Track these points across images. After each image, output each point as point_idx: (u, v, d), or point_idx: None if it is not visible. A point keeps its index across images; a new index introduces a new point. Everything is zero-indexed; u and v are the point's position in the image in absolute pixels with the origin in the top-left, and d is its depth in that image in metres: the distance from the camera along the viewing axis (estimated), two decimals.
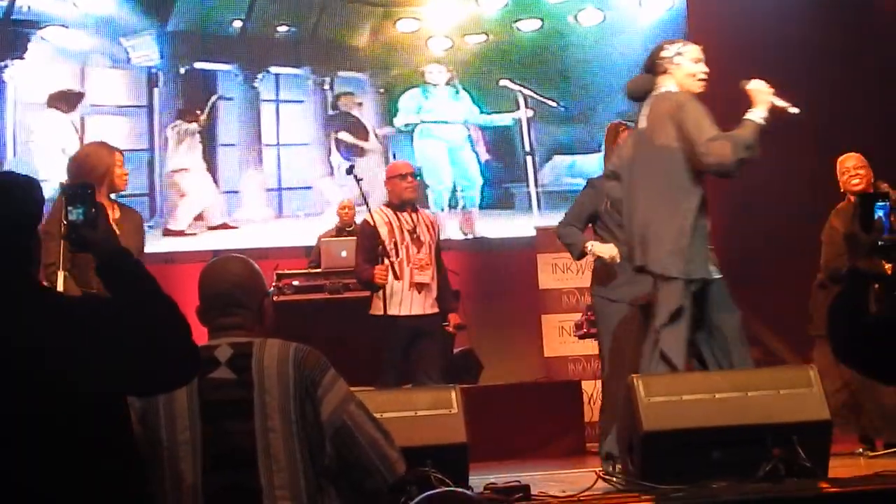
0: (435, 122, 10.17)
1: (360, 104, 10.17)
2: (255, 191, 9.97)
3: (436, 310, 6.92)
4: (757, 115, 5.34)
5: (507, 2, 10.28)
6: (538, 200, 10.17)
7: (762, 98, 5.38)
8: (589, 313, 7.85)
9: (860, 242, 3.13)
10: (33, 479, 2.41)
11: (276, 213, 9.98)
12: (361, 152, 10.11)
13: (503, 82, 10.17)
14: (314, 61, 10.14)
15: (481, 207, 10.08)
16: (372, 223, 6.87)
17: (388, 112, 10.16)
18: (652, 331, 5.42)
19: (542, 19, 10.34)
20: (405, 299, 6.81)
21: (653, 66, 5.44)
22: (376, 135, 10.17)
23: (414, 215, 6.95)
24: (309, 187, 10.06)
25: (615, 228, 6.17)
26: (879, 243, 3.16)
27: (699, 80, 5.42)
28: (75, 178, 5.73)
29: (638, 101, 5.52)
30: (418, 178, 7.05)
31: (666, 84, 5.39)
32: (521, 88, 10.17)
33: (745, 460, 5.18)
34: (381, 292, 6.76)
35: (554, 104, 10.22)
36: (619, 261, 6.14)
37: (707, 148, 5.19)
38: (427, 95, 10.16)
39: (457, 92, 10.20)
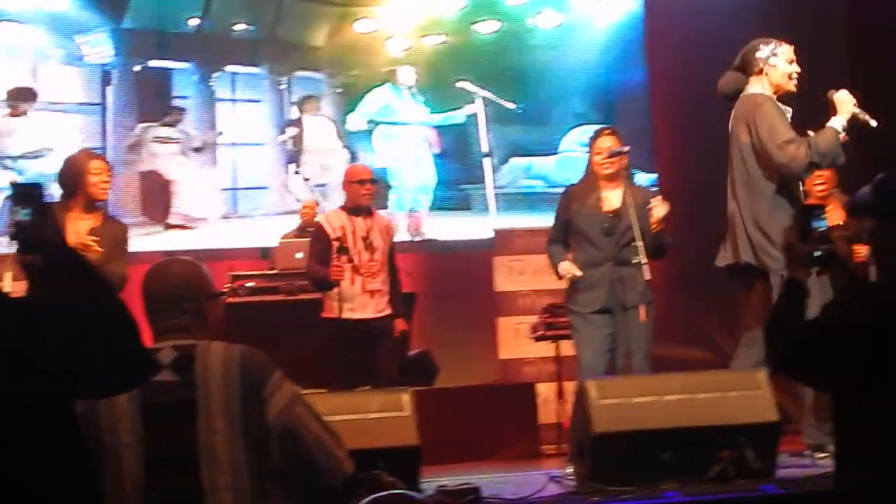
0: (401, 122, 10.15)
1: (316, 106, 10.13)
2: (209, 191, 9.91)
3: (388, 311, 6.94)
4: (837, 123, 5.43)
5: (465, 3, 10.27)
6: (496, 202, 10.17)
7: (845, 108, 5.46)
8: (545, 315, 7.87)
9: (798, 253, 3.15)
10: None
11: (232, 213, 9.93)
12: (312, 154, 10.07)
13: (461, 83, 10.16)
14: (271, 60, 10.10)
15: (439, 209, 10.07)
16: (325, 227, 6.86)
17: (346, 112, 10.13)
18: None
19: (500, 21, 10.35)
20: (358, 302, 6.81)
21: (746, 66, 5.55)
22: (339, 136, 10.12)
23: (368, 220, 6.95)
24: (265, 187, 10.01)
25: (592, 234, 6.21)
26: (816, 254, 3.19)
27: (793, 79, 5.52)
28: (60, 185, 5.76)
29: (727, 99, 5.62)
30: (376, 183, 7.05)
31: (756, 85, 5.50)
32: (479, 90, 10.17)
33: (694, 462, 5.23)
34: (335, 295, 6.74)
35: (512, 106, 10.23)
36: (578, 274, 6.21)
37: (781, 149, 5.32)
38: (398, 96, 10.14)
39: (418, 93, 10.20)
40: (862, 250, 6.27)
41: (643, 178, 10.22)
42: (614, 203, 6.28)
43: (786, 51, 5.54)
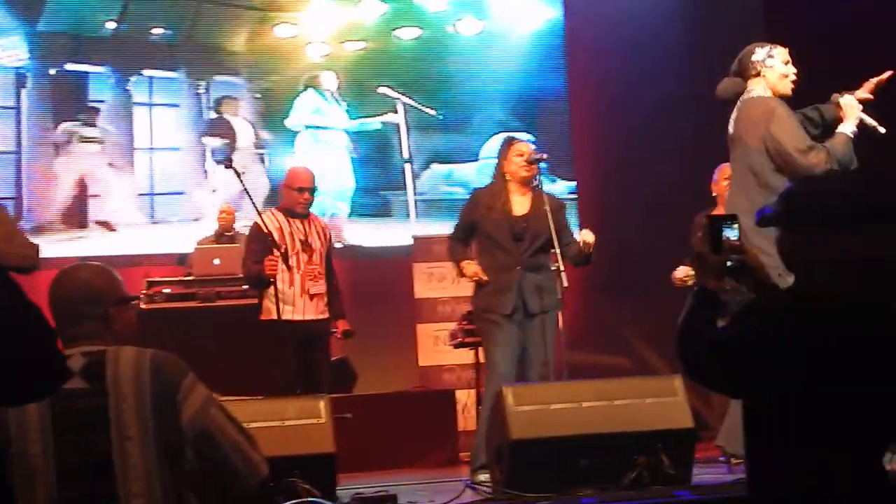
0: (328, 127, 10.09)
1: (236, 110, 10.04)
2: (126, 196, 9.78)
3: (326, 315, 6.85)
4: (847, 128, 5.45)
5: (386, 10, 10.26)
6: (416, 208, 10.16)
7: (852, 113, 5.49)
8: (464, 322, 7.87)
9: (709, 263, 3.18)
10: None
11: (149, 218, 9.81)
12: (237, 155, 9.98)
13: (382, 89, 10.15)
14: (189, 65, 9.99)
15: (359, 215, 10.04)
16: (264, 228, 6.72)
17: (265, 117, 10.06)
18: None
19: (421, 28, 10.35)
20: (297, 304, 6.71)
21: (743, 70, 5.57)
22: (257, 139, 10.04)
23: (306, 222, 6.86)
24: (182, 192, 9.90)
25: (501, 239, 6.22)
26: (728, 264, 3.21)
27: (790, 81, 5.55)
28: None
29: (726, 104, 5.63)
30: (315, 193, 6.92)
31: (756, 87, 5.51)
32: (400, 96, 10.16)
33: (611, 468, 5.25)
34: (273, 297, 6.60)
35: (433, 112, 10.23)
36: (484, 278, 6.22)
37: (804, 155, 5.33)
38: (324, 101, 10.09)
39: (340, 99, 10.15)
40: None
41: (562, 185, 10.31)
42: (524, 209, 6.31)
43: (781, 53, 5.60)
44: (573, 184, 10.36)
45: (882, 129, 5.49)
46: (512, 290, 6.19)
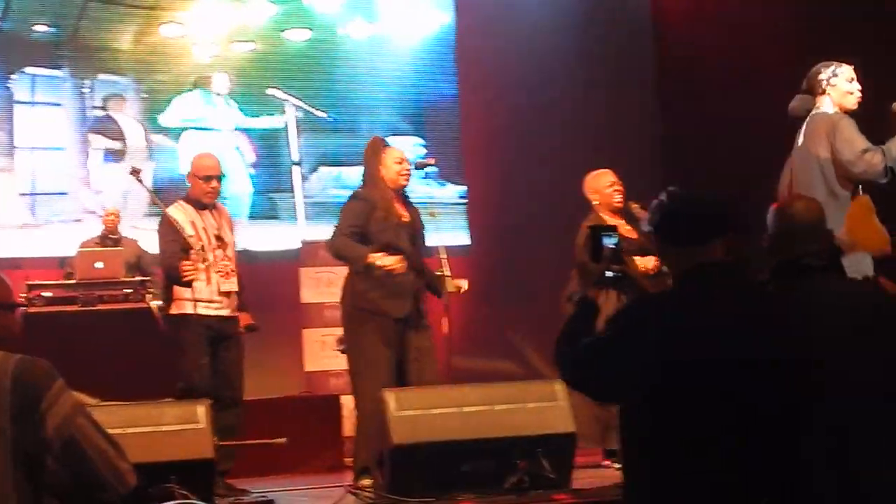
0: (210, 129, 9.95)
1: (122, 108, 9.86)
2: (6, 196, 9.54)
3: (237, 312, 6.60)
4: None
5: (275, 11, 10.16)
6: (304, 211, 10.08)
7: None
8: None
9: (590, 272, 3.21)
10: None
11: (30, 220, 9.57)
12: (122, 156, 9.80)
13: (271, 91, 10.05)
14: (74, 63, 9.77)
15: (247, 217, 9.92)
16: (175, 223, 6.36)
17: (152, 117, 9.89)
18: None
19: (311, 29, 10.27)
20: (213, 302, 6.39)
21: (811, 88, 5.94)
22: (145, 139, 9.86)
23: (215, 214, 6.53)
24: (65, 193, 9.68)
25: (401, 244, 6.17)
26: (608, 274, 3.24)
27: (855, 97, 5.90)
28: None
29: (798, 120, 5.98)
30: (223, 180, 6.65)
31: (824, 104, 5.87)
32: (289, 98, 10.08)
33: (492, 472, 5.27)
34: (186, 292, 6.25)
35: (322, 114, 10.17)
36: (403, 271, 6.09)
37: (859, 158, 5.67)
38: (208, 102, 9.94)
39: (231, 101, 10.03)
40: (649, 262, 6.44)
41: (452, 190, 10.32)
42: (407, 215, 6.28)
43: (846, 71, 5.94)
44: (463, 188, 10.38)
45: None
46: (408, 294, 6.15)
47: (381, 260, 6.06)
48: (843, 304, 3.23)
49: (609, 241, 3.28)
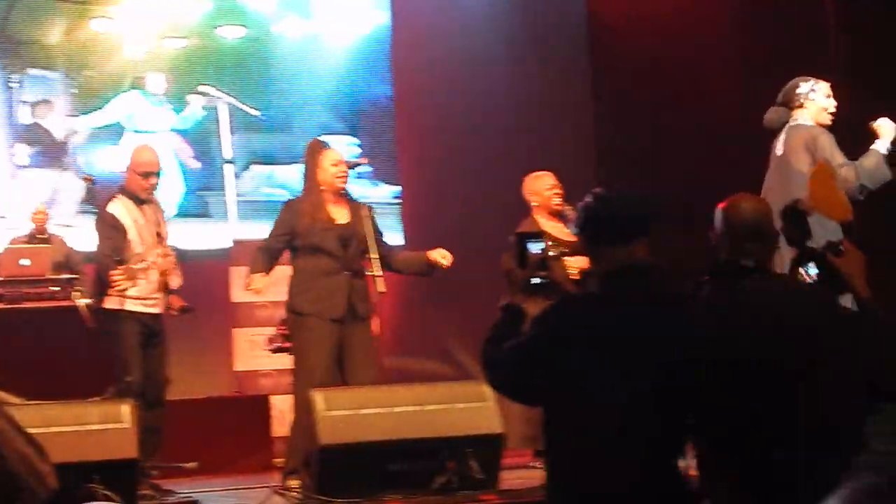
0: (147, 131, 9.82)
1: (53, 105, 9.71)
2: None
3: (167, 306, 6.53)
4: (881, 146, 5.95)
5: (209, 7, 10.07)
6: (236, 210, 10.00)
7: (887, 133, 5.97)
8: (282, 327, 7.76)
9: (516, 279, 3.23)
10: None
11: None
12: (52, 155, 9.66)
13: (203, 88, 9.95)
14: (2, 57, 9.61)
15: (177, 216, 9.80)
16: (117, 222, 6.28)
17: (82, 113, 9.75)
18: None
19: (245, 27, 10.19)
20: (148, 297, 6.34)
21: (788, 101, 6.13)
22: (74, 136, 9.72)
23: (152, 209, 6.48)
24: None
25: (329, 247, 6.16)
26: (534, 281, 3.26)
27: (829, 113, 6.11)
28: None
29: (773, 131, 6.18)
30: (160, 176, 6.56)
31: (800, 117, 6.06)
32: (223, 95, 9.99)
33: (420, 473, 5.26)
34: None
35: (256, 113, 10.09)
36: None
37: (836, 173, 5.84)
38: (145, 103, 9.81)
39: (166, 100, 9.90)
40: (584, 263, 6.46)
41: (386, 190, 10.30)
42: (343, 217, 6.26)
43: (824, 87, 6.13)
44: (397, 188, 10.36)
45: None
46: (341, 295, 6.13)
47: (253, 282, 6.26)
48: (770, 303, 3.26)
49: (535, 248, 3.29)
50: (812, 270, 3.37)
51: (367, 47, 10.60)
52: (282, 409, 8.05)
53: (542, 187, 6.98)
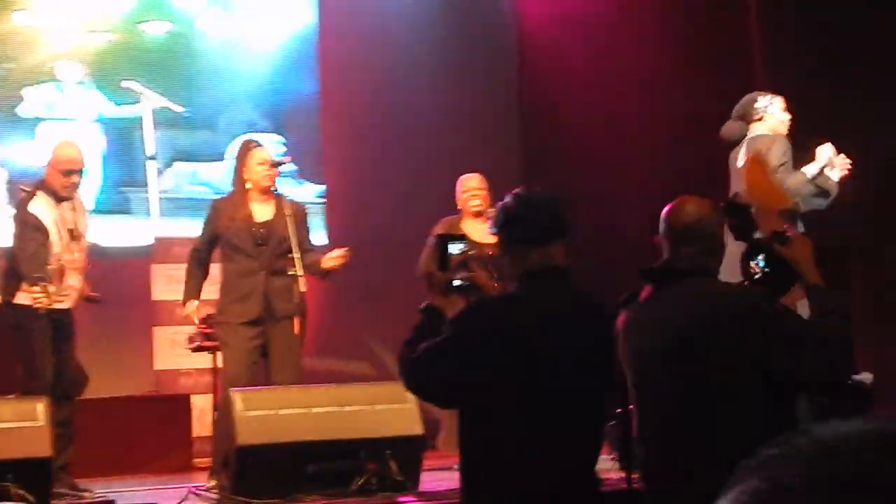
0: (64, 119, 9.66)
1: None
2: None
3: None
4: (809, 169, 6.07)
5: (133, 1, 9.94)
6: (158, 207, 9.88)
7: (820, 157, 6.10)
8: (203, 326, 7.69)
9: (436, 281, 3.23)
10: None
11: None
12: None
13: (127, 83, 9.82)
14: None
15: (97, 212, 9.65)
16: (39, 220, 6.14)
17: (2, 106, 9.57)
18: None
19: (170, 22, 10.08)
20: (61, 297, 6.18)
21: (745, 115, 6.29)
22: None
23: (71, 205, 6.38)
24: None
25: (245, 246, 6.13)
26: (455, 283, 3.26)
27: (786, 126, 6.27)
28: None
29: (730, 143, 6.31)
30: (83, 175, 6.45)
31: (759, 129, 6.21)
32: (146, 90, 9.86)
33: (339, 474, 5.24)
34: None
35: (180, 109, 9.98)
36: (194, 322, 6.46)
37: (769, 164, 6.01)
38: (59, 92, 9.65)
39: (84, 92, 9.75)
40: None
41: (310, 189, 10.24)
42: (266, 215, 6.26)
43: (780, 101, 6.29)
44: (322, 187, 10.32)
45: (834, 190, 6.11)
46: (257, 295, 6.12)
47: (187, 307, 6.42)
48: (689, 305, 3.27)
49: (455, 249, 3.30)
50: (762, 263, 3.39)
51: (293, 45, 10.54)
52: (202, 409, 7.99)
53: (461, 189, 7.08)
